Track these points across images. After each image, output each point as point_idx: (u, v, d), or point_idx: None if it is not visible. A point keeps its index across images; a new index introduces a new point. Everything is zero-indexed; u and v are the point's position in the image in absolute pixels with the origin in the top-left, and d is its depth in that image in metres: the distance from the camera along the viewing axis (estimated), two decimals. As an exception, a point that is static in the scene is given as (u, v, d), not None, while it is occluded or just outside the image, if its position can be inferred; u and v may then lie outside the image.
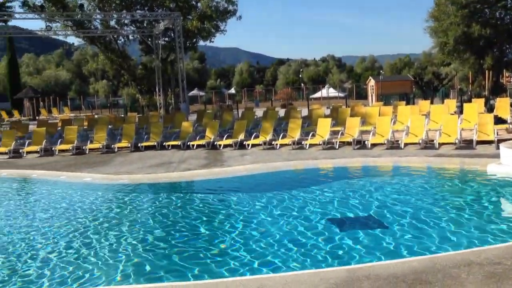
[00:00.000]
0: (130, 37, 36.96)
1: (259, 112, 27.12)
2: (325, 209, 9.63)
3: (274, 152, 16.76)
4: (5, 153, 19.46)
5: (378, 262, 6.52)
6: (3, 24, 29.94)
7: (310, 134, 17.66)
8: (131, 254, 7.69)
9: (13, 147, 19.61)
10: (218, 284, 5.82)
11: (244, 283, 5.69)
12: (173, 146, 19.24)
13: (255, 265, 6.92)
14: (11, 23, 34.09)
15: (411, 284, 5.28)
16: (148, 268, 7.09)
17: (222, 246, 7.89)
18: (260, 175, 13.80)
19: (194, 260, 7.26)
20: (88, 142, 20.02)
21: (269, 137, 18.27)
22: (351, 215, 9.21)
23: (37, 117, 43.23)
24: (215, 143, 18.86)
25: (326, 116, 20.99)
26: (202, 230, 8.82)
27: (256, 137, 18.58)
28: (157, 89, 33.56)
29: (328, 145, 17.01)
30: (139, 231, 8.92)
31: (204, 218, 9.68)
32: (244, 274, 6.59)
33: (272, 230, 8.53)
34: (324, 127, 17.66)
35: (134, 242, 8.29)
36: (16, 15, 29.26)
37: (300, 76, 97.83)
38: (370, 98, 44.30)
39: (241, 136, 18.74)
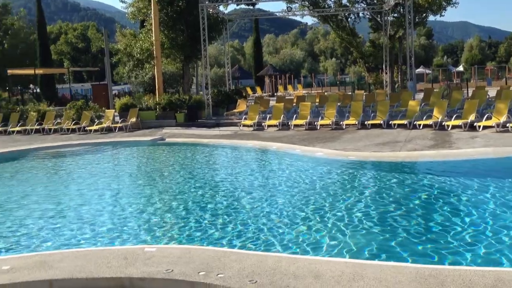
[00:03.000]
0: (360, 15, 37.83)
1: (491, 92, 25.42)
2: None
3: (510, 135, 15.83)
4: (250, 126, 22.28)
5: None
6: (251, 7, 33.53)
7: (554, 118, 16.18)
8: (361, 230, 8.09)
9: (257, 120, 22.35)
10: (458, 271, 5.70)
11: (485, 274, 5.55)
12: (399, 125, 19.48)
13: (485, 255, 6.79)
14: (257, 6, 38.06)
15: None
16: (375, 243, 7.45)
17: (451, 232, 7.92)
18: (493, 160, 13.12)
19: (432, 244, 7.32)
20: (319, 118, 21.61)
21: (503, 118, 17.21)
22: None
23: (275, 93, 47.42)
24: (443, 124, 18.58)
25: None
26: (431, 213, 8.88)
27: (489, 118, 17.70)
28: (383, 67, 33.84)
29: None
30: (369, 208, 9.32)
31: (432, 201, 9.80)
32: (473, 264, 6.49)
33: (504, 221, 8.17)
34: None
35: (363, 218, 8.64)
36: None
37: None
38: None
39: (472, 117, 18.06)
